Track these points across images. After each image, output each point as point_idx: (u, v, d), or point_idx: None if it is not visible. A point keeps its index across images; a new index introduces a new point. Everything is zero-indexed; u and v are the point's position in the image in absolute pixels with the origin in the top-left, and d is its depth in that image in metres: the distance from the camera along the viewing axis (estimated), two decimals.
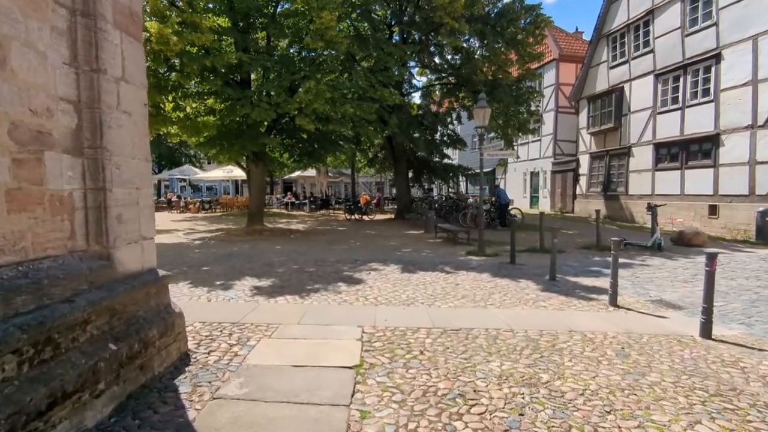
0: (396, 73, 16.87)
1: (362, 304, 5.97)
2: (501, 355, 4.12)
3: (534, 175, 25.97)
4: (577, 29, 25.95)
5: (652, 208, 11.04)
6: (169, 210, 26.14)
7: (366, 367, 3.79)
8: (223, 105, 13.21)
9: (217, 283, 7.17)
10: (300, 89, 12.12)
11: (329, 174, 29.59)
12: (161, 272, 3.80)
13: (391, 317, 5.29)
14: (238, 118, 12.98)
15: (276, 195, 35.25)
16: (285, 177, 34.64)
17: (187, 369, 3.64)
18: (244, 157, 14.65)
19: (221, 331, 4.69)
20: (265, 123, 13.72)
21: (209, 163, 34.45)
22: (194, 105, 13.81)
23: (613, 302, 6.05)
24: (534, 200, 26.18)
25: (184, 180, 32.09)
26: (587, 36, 24.42)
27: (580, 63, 22.68)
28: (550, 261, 7.67)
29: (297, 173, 30.19)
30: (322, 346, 4.28)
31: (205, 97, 13.07)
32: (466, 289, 6.84)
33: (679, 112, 15.43)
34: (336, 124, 13.41)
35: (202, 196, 37.59)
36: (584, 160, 20.94)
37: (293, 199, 27.69)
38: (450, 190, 33.69)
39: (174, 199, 26.82)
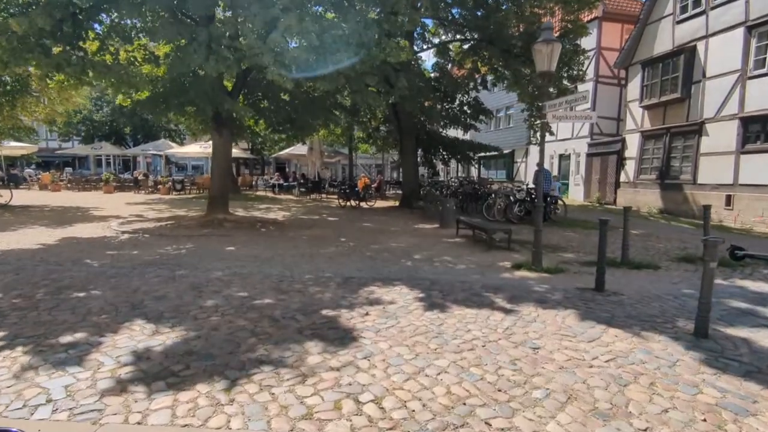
0: (406, 21, 13.19)
1: (348, 427, 2.49)
2: None
3: (563, 158, 22.09)
4: None
5: None
6: (136, 190, 22.44)
7: None
8: (168, 49, 9.49)
9: (69, 339, 3.64)
10: (274, 32, 8.50)
11: (324, 153, 25.72)
12: None
13: None
14: (190, 72, 9.33)
15: (267, 175, 31.44)
16: (275, 155, 30.78)
17: None
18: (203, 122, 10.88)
19: None
20: (231, 77, 10.03)
21: (196, 138, 30.52)
22: (129, 49, 9.95)
23: None
24: (563, 188, 22.40)
25: (162, 156, 28.18)
26: None
27: (628, 23, 18.76)
28: (687, 296, 4.18)
29: (287, 151, 26.37)
30: None
31: (141, 37, 9.28)
32: (560, 365, 3.36)
33: None
34: (324, 80, 9.62)
35: (185, 174, 33.82)
36: (633, 140, 17.10)
37: (281, 181, 23.99)
38: (460, 174, 29.98)
39: (141, 177, 23.08)
